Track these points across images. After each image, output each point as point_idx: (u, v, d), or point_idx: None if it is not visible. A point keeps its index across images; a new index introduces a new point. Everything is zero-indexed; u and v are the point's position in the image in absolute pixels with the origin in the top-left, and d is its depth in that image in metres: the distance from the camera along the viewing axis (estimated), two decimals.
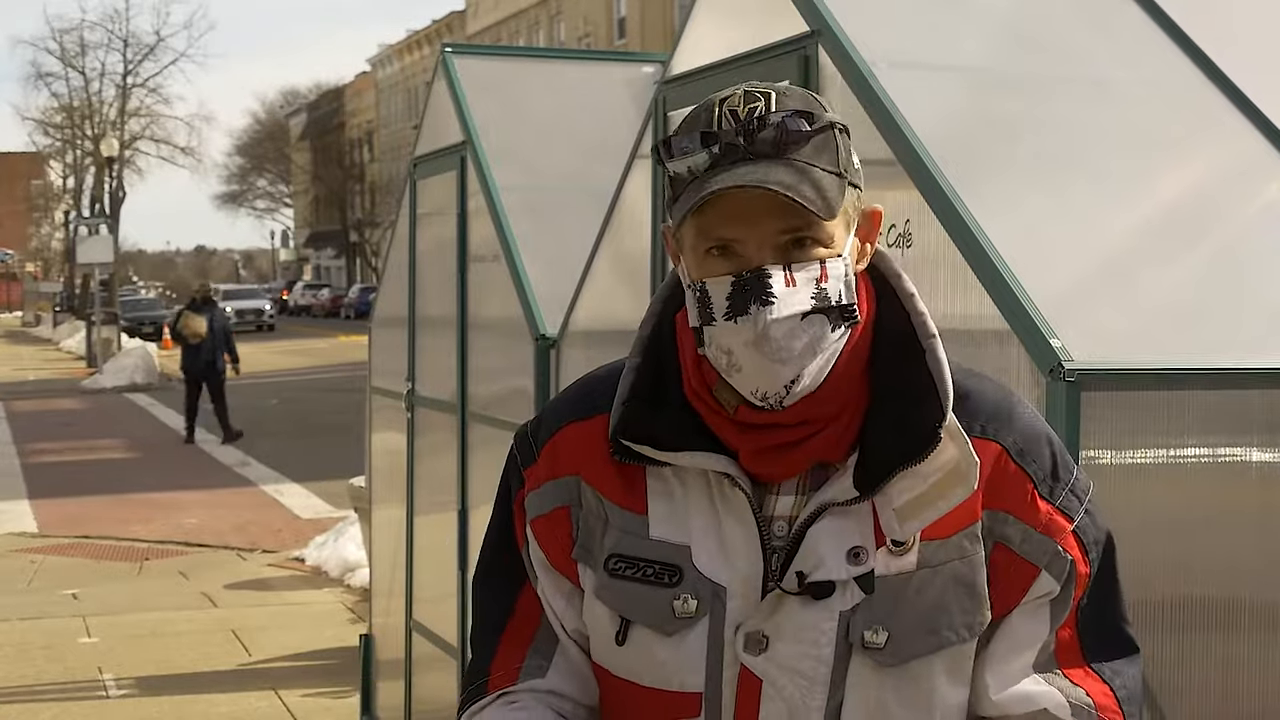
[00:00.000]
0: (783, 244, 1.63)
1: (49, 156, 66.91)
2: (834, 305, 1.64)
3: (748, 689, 1.68)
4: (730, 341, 1.63)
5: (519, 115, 6.21)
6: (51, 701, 7.70)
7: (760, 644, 1.67)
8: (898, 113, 3.18)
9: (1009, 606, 1.72)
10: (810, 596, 1.66)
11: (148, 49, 58.23)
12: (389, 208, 61.74)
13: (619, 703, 1.76)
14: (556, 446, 1.78)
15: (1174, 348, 2.88)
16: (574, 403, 1.82)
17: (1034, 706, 1.72)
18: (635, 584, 1.71)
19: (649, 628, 1.70)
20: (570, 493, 1.77)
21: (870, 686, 1.67)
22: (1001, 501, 1.71)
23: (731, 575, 1.68)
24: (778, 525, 1.69)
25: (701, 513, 1.70)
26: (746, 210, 1.61)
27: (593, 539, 1.75)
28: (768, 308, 1.60)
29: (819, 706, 1.67)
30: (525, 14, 61.16)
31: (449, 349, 6.02)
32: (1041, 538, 1.71)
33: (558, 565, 1.78)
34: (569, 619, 1.79)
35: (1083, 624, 1.75)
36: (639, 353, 1.76)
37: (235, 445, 19.17)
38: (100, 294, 34.10)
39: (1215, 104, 3.57)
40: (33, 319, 64.58)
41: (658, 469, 1.72)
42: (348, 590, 10.30)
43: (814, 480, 1.69)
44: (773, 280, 1.61)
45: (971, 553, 1.69)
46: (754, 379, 1.64)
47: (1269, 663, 2.87)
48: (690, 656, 1.69)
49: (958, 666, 1.72)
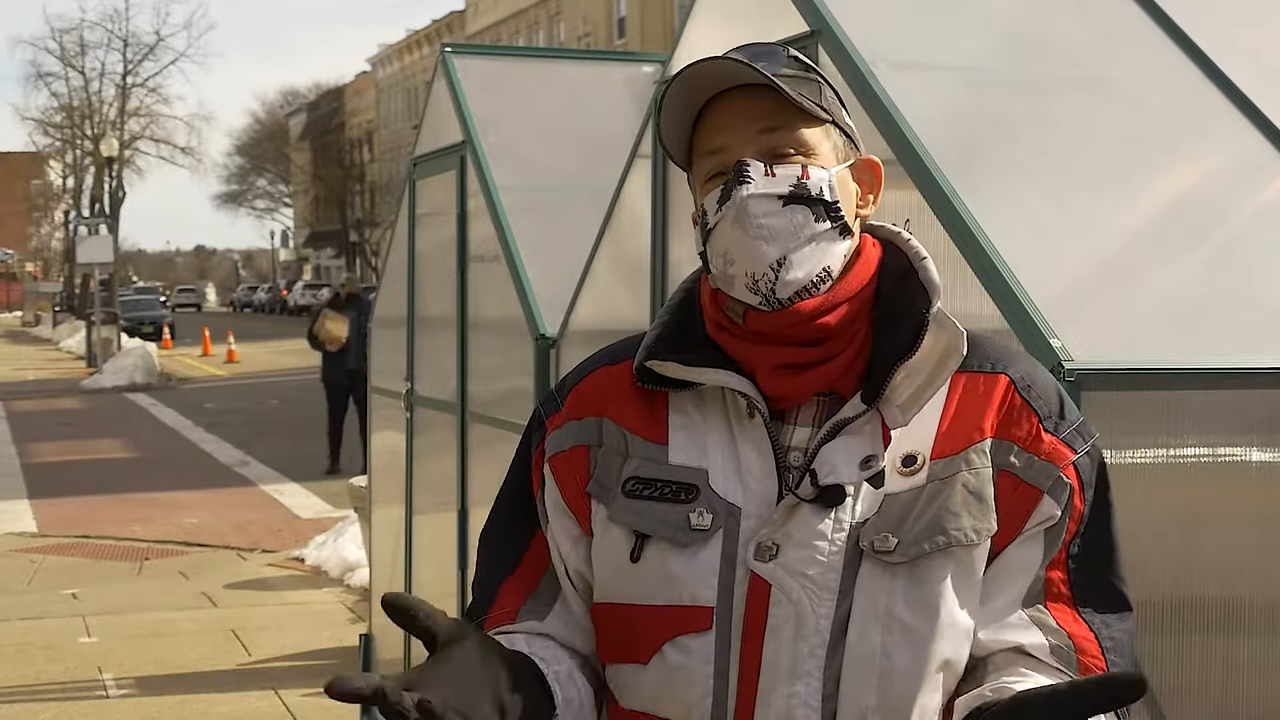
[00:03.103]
0: (766, 149, 1.74)
1: (49, 156, 66.93)
2: (814, 196, 1.74)
3: (756, 596, 1.71)
4: (722, 238, 1.75)
5: (519, 115, 6.21)
6: (51, 701, 7.70)
7: (770, 550, 1.71)
8: (898, 113, 3.18)
9: (1011, 534, 1.75)
10: (822, 505, 1.71)
11: (148, 49, 58.27)
12: (389, 208, 61.75)
13: (624, 636, 1.78)
14: (582, 390, 1.87)
15: (1174, 348, 2.89)
16: (603, 354, 1.91)
17: (1013, 644, 1.75)
18: (652, 502, 1.76)
19: (664, 540, 1.74)
20: (590, 433, 1.83)
21: (879, 591, 1.70)
22: (1007, 431, 1.76)
23: (746, 496, 1.73)
24: (793, 455, 1.74)
25: (720, 441, 1.76)
26: (731, 118, 1.75)
27: (610, 474, 1.80)
28: (745, 185, 1.72)
29: (826, 614, 1.70)
30: (525, 14, 61.17)
31: (449, 349, 6.02)
32: (1045, 464, 1.76)
33: (570, 503, 1.82)
34: (573, 560, 1.83)
35: (1076, 572, 1.77)
36: (667, 312, 1.87)
37: (235, 445, 19.17)
38: (100, 294, 34.11)
39: (1215, 104, 3.57)
40: (33, 319, 64.59)
41: (679, 398, 1.80)
42: (348, 590, 10.30)
43: (829, 412, 1.76)
44: (751, 169, 1.73)
45: (980, 466, 1.74)
46: (743, 263, 1.73)
47: (1269, 663, 2.87)
48: (703, 570, 1.72)
49: (965, 578, 1.73)
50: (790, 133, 1.74)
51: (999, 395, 1.77)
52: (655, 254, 4.32)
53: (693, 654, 1.72)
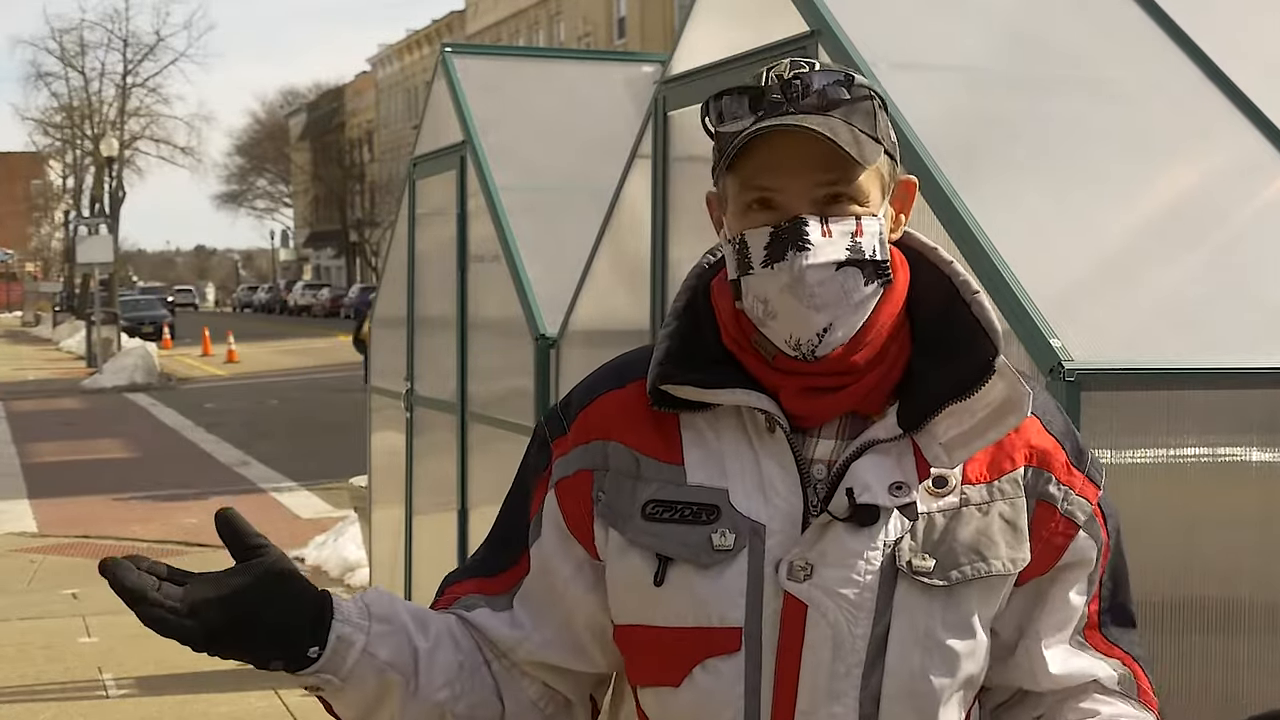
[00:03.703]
0: (820, 198, 1.69)
1: (49, 156, 66.90)
2: (868, 259, 1.69)
3: (792, 617, 1.69)
4: (766, 288, 1.69)
5: (519, 115, 6.21)
6: (51, 701, 7.70)
7: (804, 570, 1.69)
8: (898, 112, 3.18)
9: (1044, 567, 1.77)
10: (856, 524, 1.69)
11: (148, 49, 58.23)
12: (389, 208, 61.71)
13: (654, 659, 1.76)
14: (589, 415, 1.82)
15: (1174, 348, 2.88)
16: (608, 375, 1.87)
17: (1088, 677, 1.79)
18: (672, 524, 1.73)
19: (687, 563, 1.72)
20: (594, 458, 1.79)
21: (919, 612, 1.70)
22: (1044, 462, 1.77)
23: (771, 514, 1.71)
24: (817, 468, 1.73)
25: (739, 456, 1.74)
26: (786, 161, 1.68)
27: (620, 497, 1.77)
28: (804, 253, 1.67)
29: (864, 634, 1.69)
30: (525, 14, 61.16)
31: (449, 349, 6.02)
32: (1080, 499, 1.78)
33: (575, 529, 1.80)
34: (576, 585, 1.80)
35: (1103, 599, 1.82)
36: (674, 319, 1.82)
37: (235, 445, 19.17)
38: (100, 294, 34.10)
39: (1215, 104, 3.57)
40: (33, 319, 64.59)
41: (692, 419, 1.76)
42: (348, 590, 10.29)
43: (852, 429, 1.74)
44: (809, 229, 1.67)
45: (1014, 496, 1.75)
46: (788, 325, 1.69)
47: (1269, 664, 2.87)
48: (730, 590, 1.70)
49: (993, 601, 1.75)
50: (847, 184, 1.69)
51: (1027, 426, 1.77)
52: (655, 254, 4.32)
53: (723, 676, 1.71)
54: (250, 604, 1.68)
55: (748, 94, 1.71)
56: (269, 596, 1.69)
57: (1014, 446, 1.76)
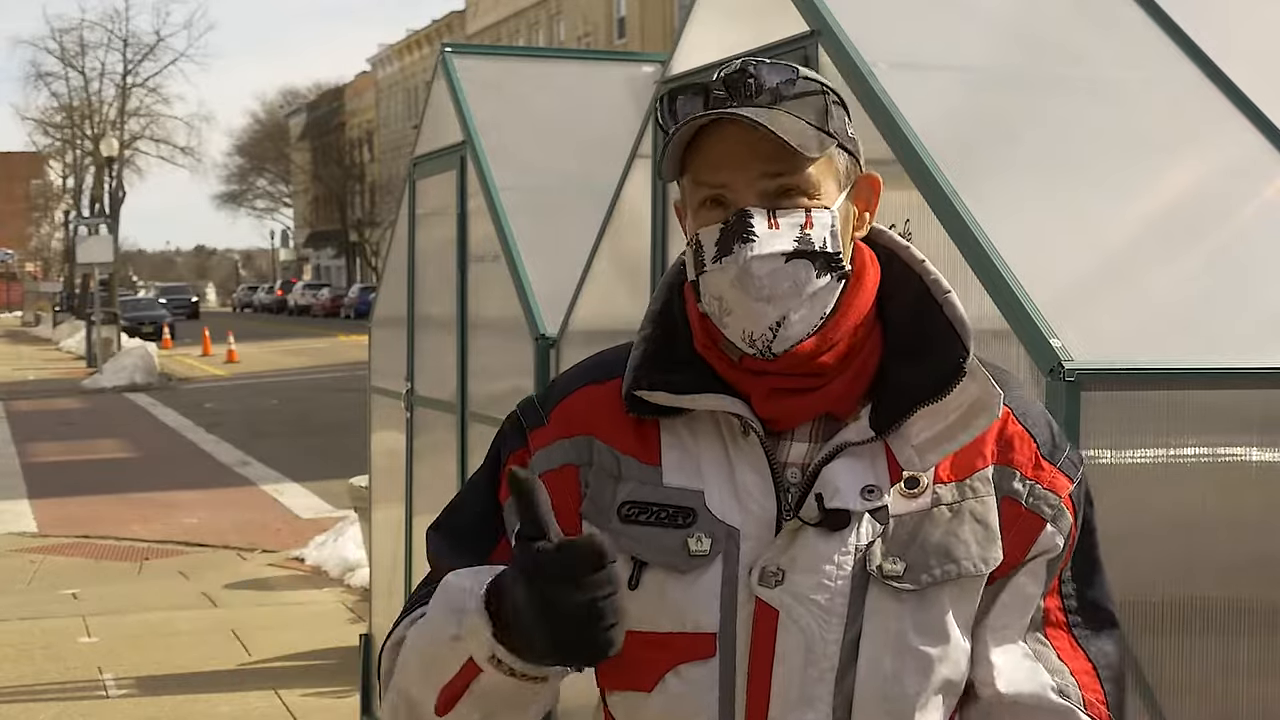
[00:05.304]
0: (769, 190, 1.69)
1: (49, 156, 66.94)
2: (818, 251, 1.69)
3: (764, 622, 1.69)
4: (720, 284, 1.69)
5: (519, 115, 6.21)
6: (51, 701, 7.70)
7: (775, 576, 1.69)
8: (898, 113, 3.18)
9: (1014, 562, 1.76)
10: (826, 529, 1.69)
11: (148, 49, 58.28)
12: (389, 208, 61.73)
13: (626, 663, 1.73)
14: (569, 409, 1.81)
15: (1174, 348, 2.88)
16: (588, 370, 1.86)
17: (1034, 696, 1.75)
18: (648, 527, 1.73)
19: (662, 567, 1.71)
20: (581, 453, 1.78)
21: (889, 616, 1.69)
22: (1008, 458, 1.76)
23: (745, 518, 1.71)
24: (790, 471, 1.72)
25: (714, 460, 1.74)
26: (732, 156, 1.69)
27: (603, 496, 1.76)
28: (748, 245, 1.67)
29: (835, 640, 1.69)
30: (525, 14, 61.15)
31: (449, 349, 6.02)
32: (1046, 492, 1.76)
33: (560, 522, 1.76)
34: None
35: (1068, 597, 1.80)
36: (649, 324, 1.81)
37: (235, 445, 19.17)
38: (100, 294, 34.11)
39: (1215, 104, 3.57)
40: (33, 319, 64.60)
41: (670, 422, 1.76)
42: (348, 590, 10.30)
43: (826, 431, 1.74)
44: (754, 221, 1.67)
45: (984, 494, 1.74)
46: (741, 320, 1.69)
47: (1270, 664, 2.87)
48: (704, 595, 1.70)
49: (967, 602, 1.74)
50: (794, 175, 1.69)
51: (997, 422, 1.75)
52: (655, 254, 4.32)
53: (696, 682, 1.71)
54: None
55: (701, 93, 1.72)
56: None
57: (984, 443, 1.75)
